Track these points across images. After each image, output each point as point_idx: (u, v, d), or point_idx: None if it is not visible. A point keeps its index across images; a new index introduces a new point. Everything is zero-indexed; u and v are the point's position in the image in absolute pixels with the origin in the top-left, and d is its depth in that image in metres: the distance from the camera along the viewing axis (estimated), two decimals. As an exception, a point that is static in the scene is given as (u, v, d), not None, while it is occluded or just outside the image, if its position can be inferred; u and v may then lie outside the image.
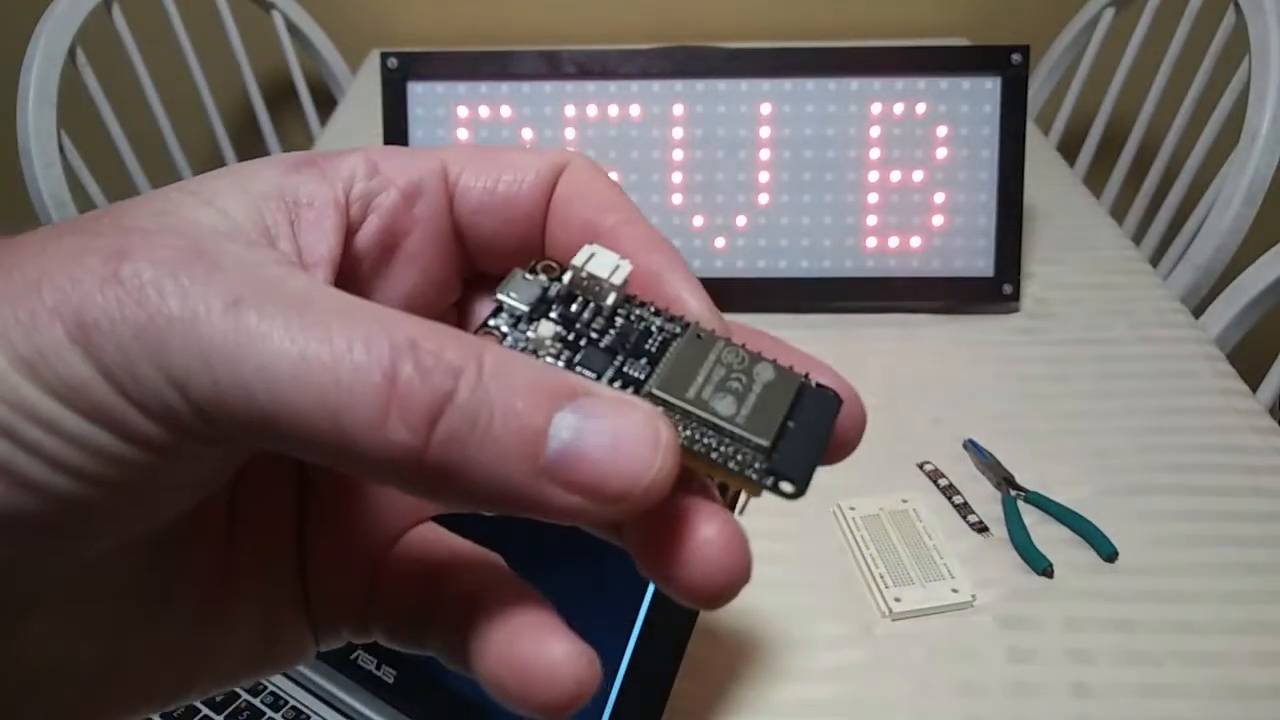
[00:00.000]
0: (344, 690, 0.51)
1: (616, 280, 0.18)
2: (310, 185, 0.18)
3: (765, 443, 0.17)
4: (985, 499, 0.64)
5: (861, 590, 0.58)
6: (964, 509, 0.63)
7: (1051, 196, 0.98)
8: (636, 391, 0.17)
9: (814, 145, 0.79)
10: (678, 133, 0.79)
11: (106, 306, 0.14)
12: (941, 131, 0.79)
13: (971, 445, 0.68)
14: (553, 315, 0.18)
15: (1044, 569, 0.59)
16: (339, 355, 0.14)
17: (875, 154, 0.79)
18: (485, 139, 0.80)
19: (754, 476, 0.17)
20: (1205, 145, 1.12)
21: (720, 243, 0.80)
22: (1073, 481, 0.65)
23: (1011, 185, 0.79)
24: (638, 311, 0.19)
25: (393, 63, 0.79)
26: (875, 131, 0.79)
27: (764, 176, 0.79)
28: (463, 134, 0.80)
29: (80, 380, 0.14)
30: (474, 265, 0.21)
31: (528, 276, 0.19)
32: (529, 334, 0.18)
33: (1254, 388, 0.75)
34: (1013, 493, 0.64)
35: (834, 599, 0.58)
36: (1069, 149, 1.22)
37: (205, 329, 0.14)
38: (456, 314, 0.22)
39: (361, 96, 1.23)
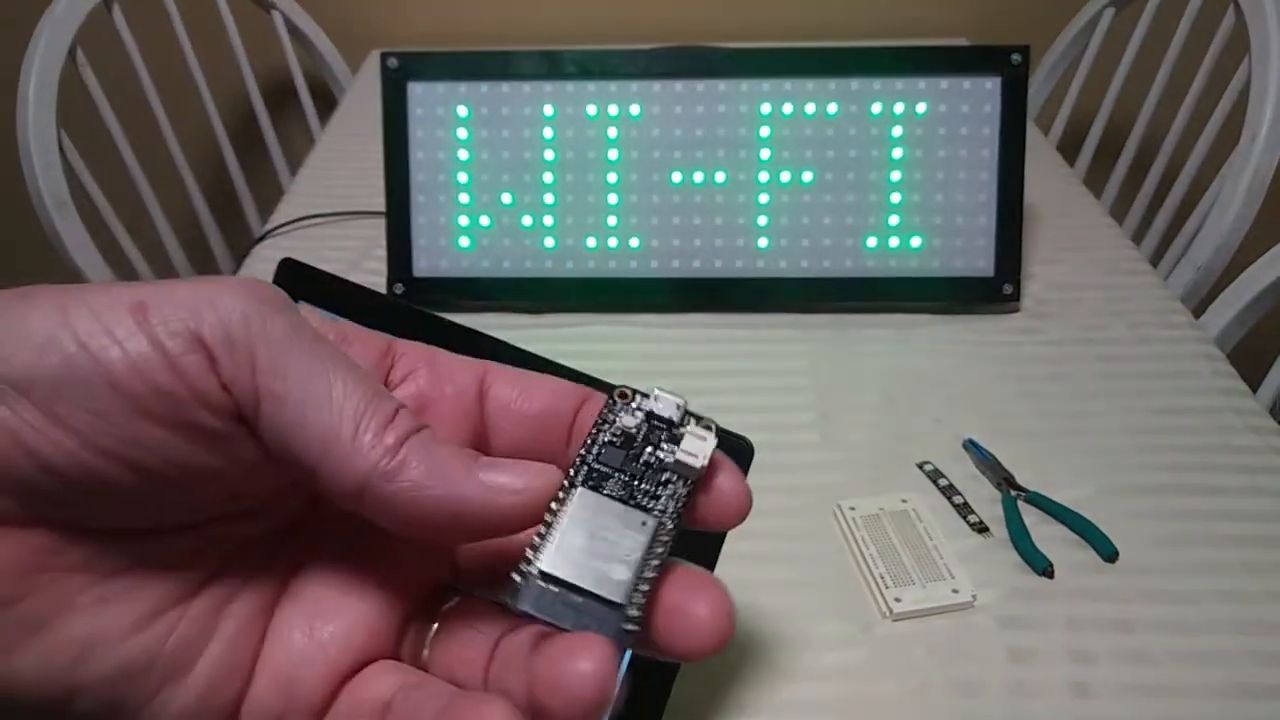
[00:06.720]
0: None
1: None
2: (364, 336, 0.24)
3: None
4: (985, 499, 0.64)
5: (861, 590, 0.58)
6: (964, 509, 0.63)
7: (1051, 196, 0.98)
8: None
9: (814, 145, 0.79)
10: (678, 133, 0.79)
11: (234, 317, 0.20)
12: (941, 131, 0.79)
13: (971, 445, 0.68)
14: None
15: (1044, 569, 0.59)
16: (343, 408, 0.21)
17: (875, 154, 0.79)
18: (485, 139, 0.80)
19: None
20: (1205, 145, 1.12)
21: (720, 243, 0.80)
22: (1073, 481, 0.65)
23: (1011, 185, 0.79)
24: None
25: (393, 63, 0.79)
26: (875, 131, 0.79)
27: (764, 176, 0.79)
28: (463, 134, 0.80)
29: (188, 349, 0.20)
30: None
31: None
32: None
33: (1254, 388, 0.75)
34: (1013, 493, 0.64)
35: (834, 599, 0.58)
36: (1069, 149, 1.22)
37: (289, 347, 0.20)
38: None
39: (361, 96, 1.23)
